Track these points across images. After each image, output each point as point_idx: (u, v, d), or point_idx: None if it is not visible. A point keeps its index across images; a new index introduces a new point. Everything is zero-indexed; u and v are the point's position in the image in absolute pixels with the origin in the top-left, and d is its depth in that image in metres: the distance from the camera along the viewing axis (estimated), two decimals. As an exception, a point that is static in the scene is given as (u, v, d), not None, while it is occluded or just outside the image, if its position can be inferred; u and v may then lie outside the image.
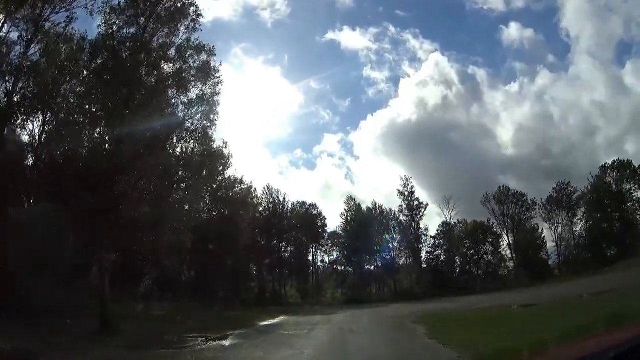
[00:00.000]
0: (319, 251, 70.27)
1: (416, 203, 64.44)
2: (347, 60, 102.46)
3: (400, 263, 69.23)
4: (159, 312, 26.51)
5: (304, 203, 68.91)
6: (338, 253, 68.80)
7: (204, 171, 29.54)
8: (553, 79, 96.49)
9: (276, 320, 28.51)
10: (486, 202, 61.67)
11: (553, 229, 59.25)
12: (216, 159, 43.64)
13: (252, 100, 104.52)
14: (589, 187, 55.69)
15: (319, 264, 71.10)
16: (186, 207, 31.86)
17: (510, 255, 63.64)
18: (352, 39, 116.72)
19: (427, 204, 64.29)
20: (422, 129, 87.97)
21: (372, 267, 69.10)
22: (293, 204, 67.13)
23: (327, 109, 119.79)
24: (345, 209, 68.32)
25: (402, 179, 65.84)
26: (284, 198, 65.24)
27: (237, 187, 48.51)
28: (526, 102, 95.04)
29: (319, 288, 69.18)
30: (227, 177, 46.74)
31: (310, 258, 69.82)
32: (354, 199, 69.19)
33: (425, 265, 65.88)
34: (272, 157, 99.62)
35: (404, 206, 64.96)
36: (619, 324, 5.90)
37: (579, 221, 57.85)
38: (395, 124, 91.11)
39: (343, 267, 69.10)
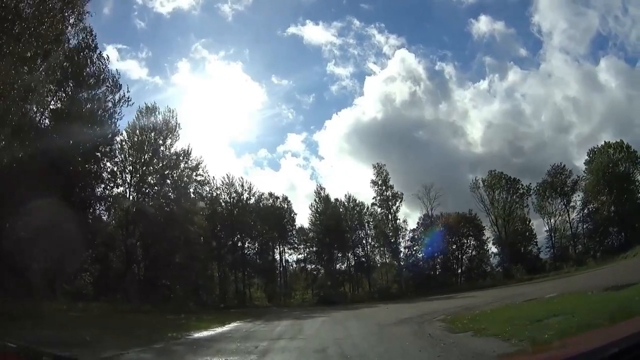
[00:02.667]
0: (286, 249, 61.16)
1: (391, 193, 55.95)
2: (310, 56, 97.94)
3: (376, 260, 60.98)
4: (74, 313, 21.52)
5: (271, 194, 59.89)
6: (307, 250, 59.84)
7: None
8: (524, 76, 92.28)
9: (224, 328, 19.66)
10: (474, 189, 54.23)
11: (546, 219, 52.39)
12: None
13: (214, 97, 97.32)
14: (587, 170, 49.10)
15: (288, 262, 62.15)
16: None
17: (496, 250, 56.73)
18: (315, 34, 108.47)
19: (402, 194, 56.29)
20: (389, 127, 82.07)
21: (345, 265, 60.38)
22: (259, 196, 57.77)
23: (290, 107, 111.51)
24: (315, 200, 59.88)
25: (374, 167, 57.84)
26: (250, 187, 55.77)
27: (184, 162, 39.04)
28: (496, 99, 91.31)
29: (287, 289, 60.10)
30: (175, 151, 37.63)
31: (278, 256, 60.74)
32: (323, 189, 60.81)
33: (402, 263, 57.72)
34: (236, 157, 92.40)
35: (378, 198, 56.65)
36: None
37: (572, 209, 51.33)
38: (361, 122, 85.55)
39: (313, 265, 60.25)
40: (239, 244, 56.01)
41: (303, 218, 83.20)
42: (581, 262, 44.52)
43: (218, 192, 53.58)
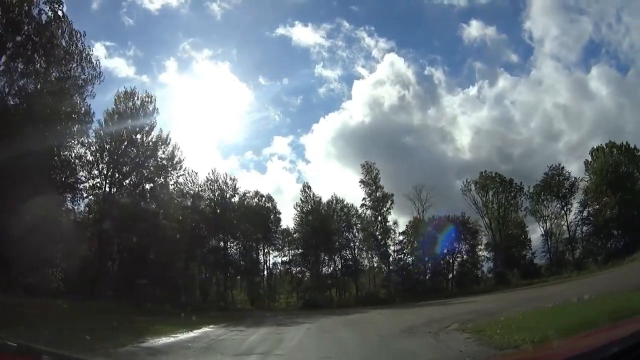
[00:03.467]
0: (271, 251, 57.74)
1: (381, 194, 52.98)
2: (298, 57, 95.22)
3: (364, 263, 57.83)
4: (29, 310, 18.16)
5: (256, 193, 56.47)
6: (292, 252, 56.59)
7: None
8: (514, 82, 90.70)
9: (189, 334, 16.41)
10: (466, 191, 51.46)
11: (541, 223, 49.87)
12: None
13: (201, 97, 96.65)
14: (588, 170, 46.63)
15: (272, 264, 58.83)
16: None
17: (487, 254, 54.00)
18: (304, 35, 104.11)
19: (393, 195, 53.35)
20: (376, 132, 79.81)
21: (332, 268, 57.25)
22: (243, 194, 54.42)
23: (277, 109, 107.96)
24: (301, 199, 56.63)
25: (363, 166, 54.69)
26: (234, 185, 52.22)
27: (161, 150, 35.70)
28: (486, 105, 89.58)
29: (272, 292, 56.59)
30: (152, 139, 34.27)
31: (262, 258, 57.34)
32: (310, 187, 57.53)
33: (392, 267, 54.67)
34: (222, 158, 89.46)
35: (367, 198, 53.62)
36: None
37: (569, 211, 48.83)
38: (348, 126, 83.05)
39: (299, 268, 56.82)
40: (222, 244, 52.42)
41: (289, 221, 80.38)
42: (581, 266, 42.15)
43: (201, 189, 50.08)
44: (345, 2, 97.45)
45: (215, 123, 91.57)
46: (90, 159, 34.03)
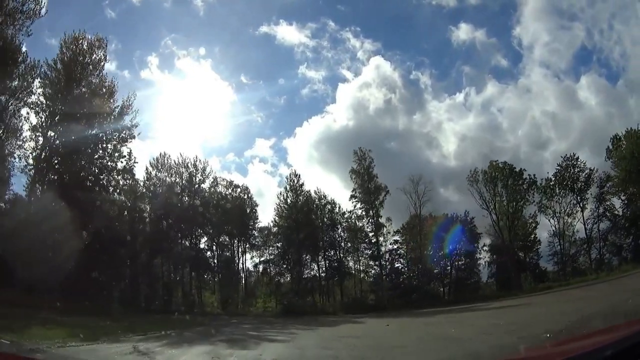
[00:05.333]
0: (248, 250, 50.50)
1: (374, 185, 46.12)
2: (281, 57, 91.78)
3: (350, 266, 50.77)
4: None
5: (230, 183, 49.22)
6: (270, 248, 49.43)
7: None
8: (501, 89, 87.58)
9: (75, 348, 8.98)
10: (472, 183, 44.79)
11: (553, 221, 43.62)
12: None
13: (182, 95, 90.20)
14: (613, 159, 40.53)
15: (250, 265, 51.60)
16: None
17: (488, 258, 47.76)
18: (288, 34, 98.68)
19: (387, 187, 46.60)
20: (360, 136, 75.01)
21: (315, 270, 49.99)
22: (214, 179, 47.05)
23: (260, 110, 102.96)
24: (285, 188, 49.51)
25: (356, 152, 47.72)
26: (204, 166, 44.77)
27: (107, 105, 28.62)
28: (472, 112, 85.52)
29: (248, 295, 49.05)
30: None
31: (238, 257, 49.99)
32: (297, 175, 50.01)
33: (384, 270, 47.88)
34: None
35: (358, 190, 46.64)
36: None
37: (584, 207, 42.67)
38: (332, 130, 78.85)
39: (277, 268, 49.45)
40: (190, 238, 44.91)
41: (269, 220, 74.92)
42: (604, 267, 36.17)
43: (166, 174, 42.62)
44: (332, 1, 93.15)
45: (196, 122, 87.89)
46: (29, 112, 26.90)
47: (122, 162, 30.26)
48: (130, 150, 31.50)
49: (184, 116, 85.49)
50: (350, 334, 16.33)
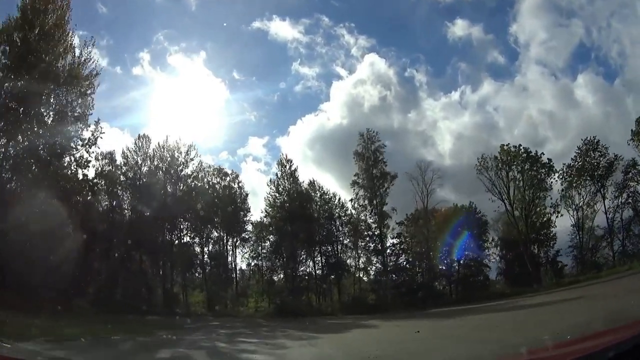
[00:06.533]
0: (238, 245, 45.84)
1: (379, 171, 41.90)
2: (275, 53, 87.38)
3: (348, 263, 46.29)
4: None
5: (219, 169, 44.73)
6: (262, 242, 44.88)
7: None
8: (497, 87, 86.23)
9: None
10: (482, 171, 40.51)
11: (573, 212, 39.37)
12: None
13: (175, 92, 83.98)
14: (635, 139, 36.45)
15: (241, 262, 46.83)
16: None
17: (497, 253, 43.65)
18: (282, 30, 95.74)
19: (396, 174, 42.32)
20: (355, 134, 70.39)
21: (310, 267, 45.67)
22: (199, 163, 42.27)
23: (253, 108, 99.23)
24: (277, 174, 44.94)
25: (361, 135, 43.53)
26: (189, 150, 40.07)
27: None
28: (468, 111, 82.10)
29: (239, 294, 44.56)
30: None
31: (228, 253, 45.26)
32: (289, 161, 45.33)
33: (387, 266, 43.52)
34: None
35: (361, 175, 42.25)
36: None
37: (605, 196, 38.60)
38: (326, 129, 75.49)
39: (270, 264, 44.94)
40: (173, 230, 40.32)
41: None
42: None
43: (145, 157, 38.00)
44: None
45: (189, 120, 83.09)
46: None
47: (81, 126, 25.58)
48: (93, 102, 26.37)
49: (176, 113, 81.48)
50: (381, 350, 10.93)
